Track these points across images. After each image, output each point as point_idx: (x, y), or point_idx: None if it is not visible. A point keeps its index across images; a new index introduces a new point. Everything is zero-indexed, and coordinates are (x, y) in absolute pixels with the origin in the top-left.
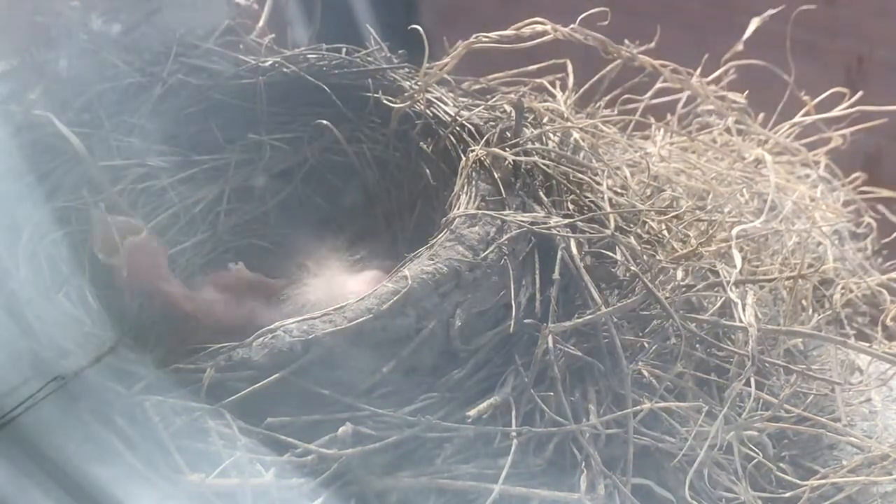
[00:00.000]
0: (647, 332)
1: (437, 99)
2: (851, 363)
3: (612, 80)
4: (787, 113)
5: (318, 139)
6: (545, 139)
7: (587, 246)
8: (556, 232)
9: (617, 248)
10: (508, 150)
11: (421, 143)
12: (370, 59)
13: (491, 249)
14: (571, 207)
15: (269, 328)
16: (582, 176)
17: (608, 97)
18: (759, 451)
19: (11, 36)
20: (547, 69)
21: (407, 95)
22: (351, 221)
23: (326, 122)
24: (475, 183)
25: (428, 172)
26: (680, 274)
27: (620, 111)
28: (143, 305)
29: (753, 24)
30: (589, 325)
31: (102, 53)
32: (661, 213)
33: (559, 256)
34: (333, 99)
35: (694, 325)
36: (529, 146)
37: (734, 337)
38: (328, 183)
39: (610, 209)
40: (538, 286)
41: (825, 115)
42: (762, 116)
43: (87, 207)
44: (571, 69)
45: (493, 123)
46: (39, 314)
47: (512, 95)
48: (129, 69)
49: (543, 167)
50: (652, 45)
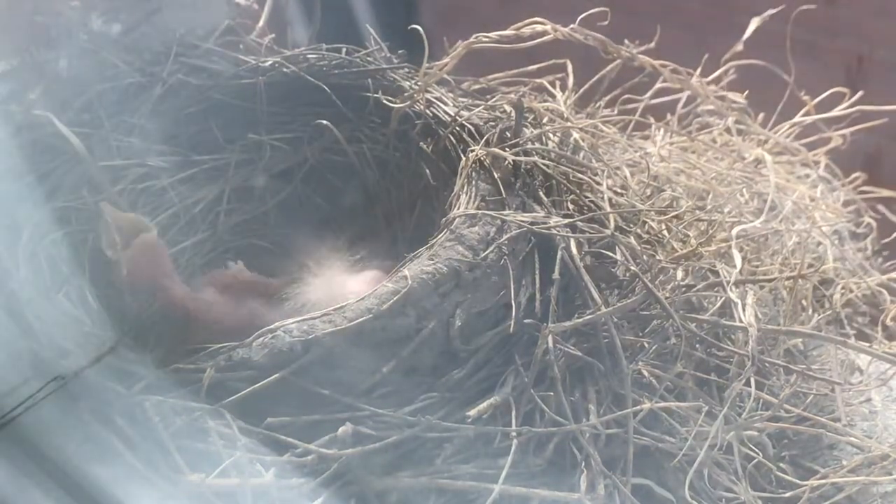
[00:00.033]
0: (647, 332)
1: (436, 99)
2: (851, 363)
3: (612, 80)
4: (787, 113)
5: (318, 139)
6: (545, 139)
7: (587, 246)
8: (556, 232)
9: (617, 248)
10: (508, 150)
11: (421, 143)
12: (370, 59)
13: (491, 249)
14: (571, 207)
15: (269, 328)
16: (582, 176)
17: (608, 97)
18: (759, 451)
19: (11, 36)
20: (547, 69)
21: (407, 95)
22: (351, 221)
23: (326, 122)
24: (475, 183)
25: (428, 172)
26: (680, 274)
27: (620, 111)
28: (143, 303)
29: (753, 24)
30: (589, 325)
31: (102, 53)
32: (661, 213)
33: (559, 256)
34: (333, 99)
35: (694, 325)
36: (529, 146)
37: (734, 337)
38: (328, 183)
39: (610, 209)
40: (538, 286)
41: (825, 115)
42: (762, 116)
43: (87, 207)
44: (571, 69)
45: (493, 123)
46: (39, 314)
47: (512, 95)
48: (129, 69)
49: (543, 167)
50: (652, 45)
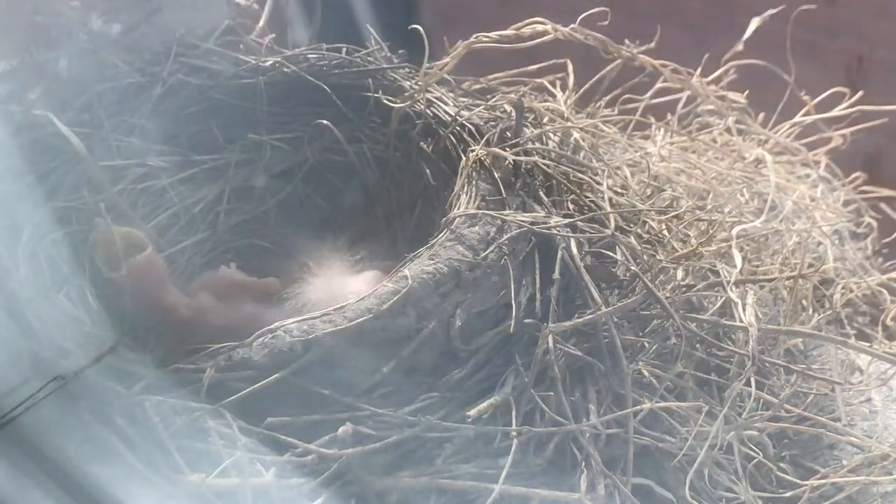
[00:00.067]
0: (647, 332)
1: (437, 99)
2: (851, 363)
3: (612, 80)
4: (787, 113)
5: (318, 139)
6: (545, 139)
7: (587, 246)
8: (556, 232)
9: (617, 247)
10: (508, 150)
11: (421, 143)
12: (370, 59)
13: (491, 249)
14: (571, 207)
15: (269, 328)
16: (582, 176)
17: (608, 97)
18: (759, 451)
19: (11, 36)
20: (547, 69)
21: (407, 95)
22: (351, 221)
23: (326, 122)
24: (475, 183)
25: (428, 172)
26: (680, 274)
27: (620, 111)
28: (143, 318)
29: (753, 24)
30: (589, 324)
31: (102, 53)
32: (661, 212)
33: (559, 256)
34: (333, 99)
35: (694, 325)
36: (529, 146)
37: (734, 337)
38: (328, 183)
39: (610, 209)
40: (538, 286)
41: (825, 115)
42: (762, 116)
43: (87, 207)
44: (571, 69)
45: (493, 123)
46: (39, 314)
47: (512, 95)
48: (129, 69)
49: (543, 167)
50: (652, 45)
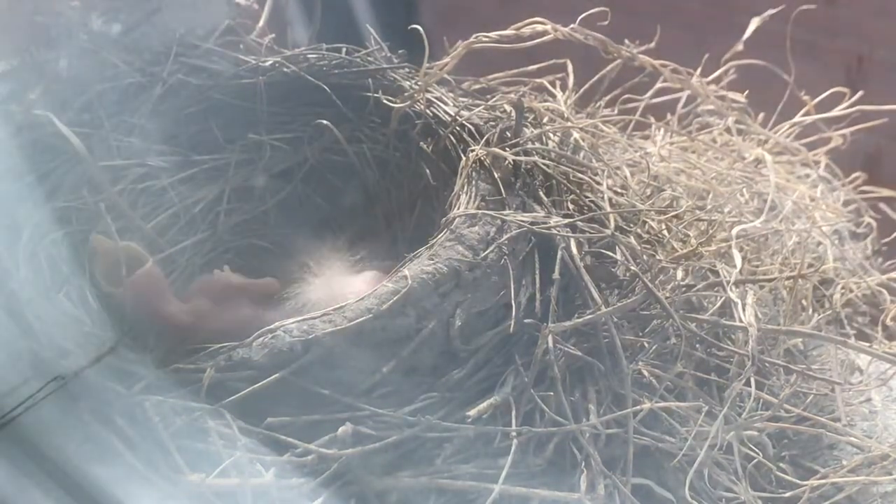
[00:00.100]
0: (647, 332)
1: (437, 99)
2: (851, 363)
3: (612, 80)
4: (787, 113)
5: (318, 139)
6: (545, 139)
7: (587, 246)
8: (556, 232)
9: (617, 247)
10: (508, 150)
11: (421, 143)
12: (370, 59)
13: (491, 249)
14: (571, 207)
15: (269, 328)
16: (582, 176)
17: (608, 97)
18: (759, 451)
19: (11, 36)
20: (547, 69)
21: (407, 95)
22: (351, 221)
23: (326, 122)
24: (475, 183)
25: (428, 172)
26: (680, 274)
27: (620, 111)
28: (141, 324)
29: (753, 24)
30: (589, 324)
31: (102, 53)
32: (661, 212)
33: (559, 256)
34: (333, 99)
35: (694, 325)
36: (529, 146)
37: (734, 337)
38: (328, 183)
39: (610, 209)
40: (538, 286)
41: (825, 115)
42: (762, 116)
43: (87, 207)
44: (571, 69)
45: (493, 123)
46: (39, 314)
47: (512, 95)
48: (129, 69)
49: (543, 167)
50: (652, 45)
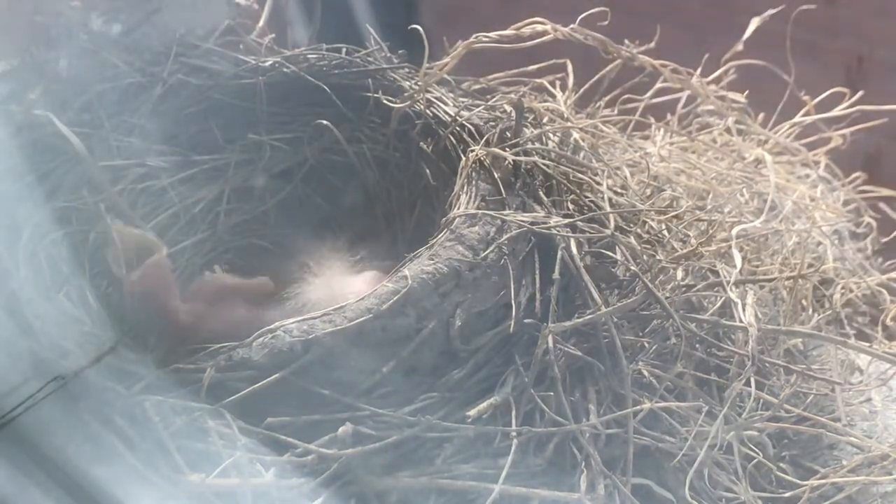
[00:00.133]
0: (647, 332)
1: (437, 99)
2: (851, 363)
3: (612, 80)
4: (787, 113)
5: (318, 139)
6: (545, 139)
7: (587, 246)
8: (556, 232)
9: (617, 248)
10: (508, 150)
11: (421, 143)
12: (370, 59)
13: (491, 249)
14: (571, 207)
15: (268, 328)
16: (582, 176)
17: (608, 97)
18: (759, 451)
19: (11, 36)
20: (547, 69)
21: (407, 95)
22: (351, 221)
23: (326, 122)
24: (475, 183)
25: (428, 172)
26: (680, 274)
27: (620, 111)
28: (145, 317)
29: (753, 24)
30: (589, 325)
31: (102, 53)
32: (661, 213)
33: (559, 256)
34: (333, 99)
35: (694, 325)
36: (529, 146)
37: (734, 337)
38: (328, 183)
39: (610, 209)
40: (538, 286)
41: (825, 115)
42: (762, 116)
43: (87, 207)
44: (571, 69)
45: (493, 123)
46: (39, 314)
47: (512, 95)
48: (129, 69)
49: (543, 167)
50: (652, 45)
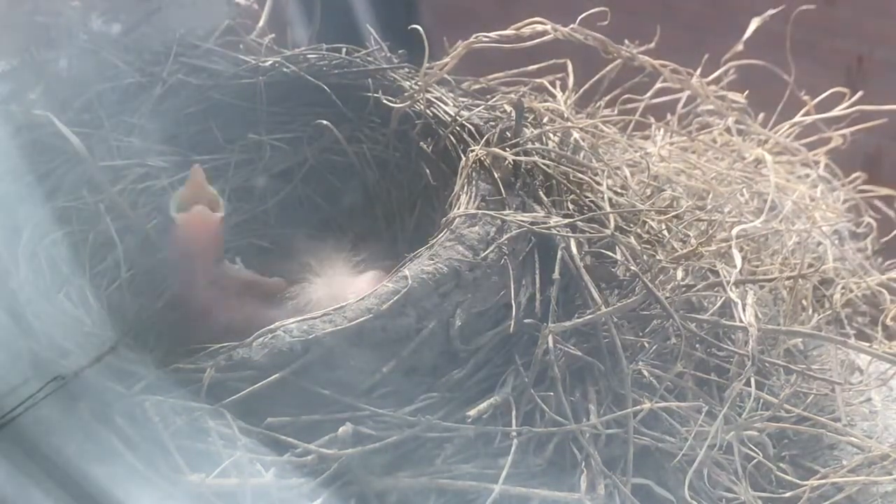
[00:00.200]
0: (647, 332)
1: (437, 99)
2: (851, 363)
3: (612, 80)
4: (787, 113)
5: (318, 139)
6: (545, 139)
7: (587, 246)
8: (556, 232)
9: (617, 247)
10: (508, 150)
11: (421, 143)
12: (370, 59)
13: (491, 249)
14: (571, 207)
15: (269, 328)
16: (582, 176)
17: (608, 97)
18: (759, 451)
19: (11, 36)
20: (547, 69)
21: (407, 95)
22: (351, 221)
23: (326, 122)
24: (475, 183)
25: (428, 172)
26: (680, 274)
27: (620, 111)
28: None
29: (753, 24)
30: (589, 325)
31: (102, 53)
32: (661, 213)
33: (559, 256)
34: (333, 99)
35: (694, 325)
36: (529, 146)
37: (734, 337)
38: (328, 183)
39: (610, 209)
40: (538, 286)
41: (825, 115)
42: (762, 116)
43: (87, 207)
44: (571, 69)
45: (493, 123)
46: (39, 314)
47: (512, 95)
48: (129, 69)
49: (543, 167)
50: (652, 45)
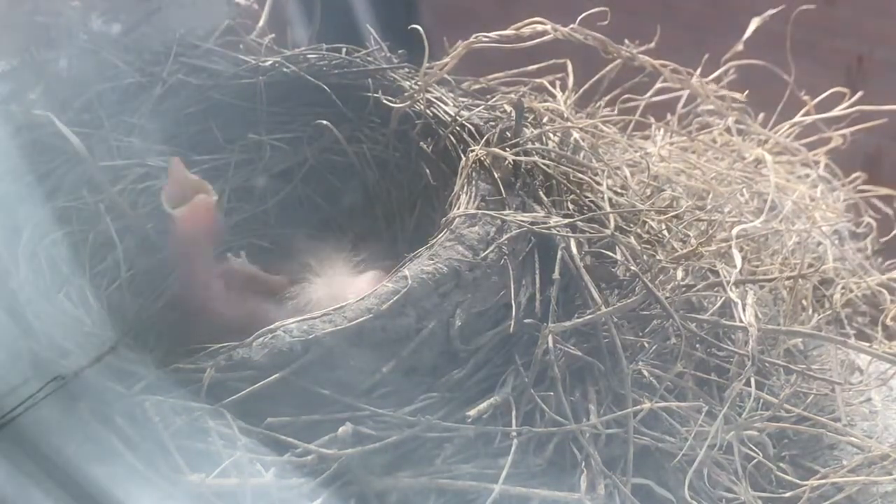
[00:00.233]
0: (647, 332)
1: (437, 99)
2: (851, 363)
3: (612, 80)
4: (787, 113)
5: (318, 139)
6: (545, 139)
7: (587, 246)
8: (556, 232)
9: (617, 247)
10: (508, 150)
11: (421, 143)
12: (370, 59)
13: (491, 249)
14: (571, 207)
15: (268, 328)
16: (582, 176)
17: (608, 97)
18: (759, 451)
19: (11, 36)
20: (547, 69)
21: (407, 95)
22: (351, 221)
23: (326, 122)
24: (475, 183)
25: (428, 172)
26: (680, 274)
27: (620, 111)
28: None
29: (753, 24)
30: (589, 324)
31: (102, 53)
32: (661, 212)
33: (559, 256)
34: (333, 99)
35: (694, 325)
36: (529, 146)
37: (734, 337)
38: (328, 183)
39: (610, 209)
40: (538, 286)
41: (825, 115)
42: (762, 116)
43: (87, 207)
44: (571, 69)
45: (493, 123)
46: (39, 314)
47: (512, 95)
48: (129, 69)
49: (543, 167)
50: (652, 45)
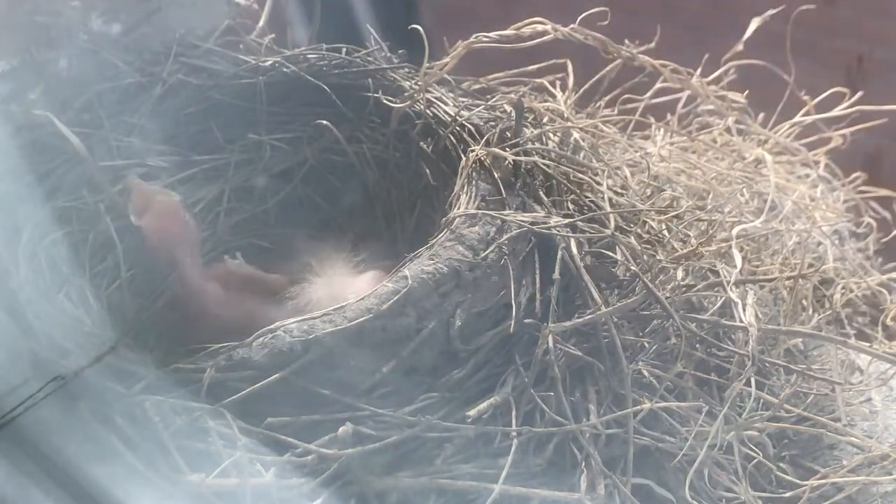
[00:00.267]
0: (647, 332)
1: (437, 99)
2: (851, 363)
3: (612, 80)
4: (787, 113)
5: (318, 139)
6: (545, 139)
7: (587, 246)
8: (556, 232)
9: (617, 247)
10: (508, 150)
11: (421, 143)
12: (370, 59)
13: (491, 249)
14: (571, 207)
15: (268, 328)
16: (582, 176)
17: (608, 97)
18: (759, 451)
19: (11, 36)
20: (547, 69)
21: (407, 95)
22: (351, 221)
23: (326, 122)
24: (475, 183)
25: (428, 172)
26: (680, 274)
27: (620, 111)
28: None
29: (753, 24)
30: (589, 325)
31: (102, 53)
32: (661, 212)
33: (559, 256)
34: (333, 99)
35: (694, 325)
36: (529, 146)
37: (734, 337)
38: (328, 183)
39: (610, 209)
40: (538, 286)
41: (825, 115)
42: (762, 116)
43: (87, 207)
44: (571, 69)
45: (493, 123)
46: (39, 314)
47: (512, 95)
48: (129, 69)
49: (543, 167)
50: (652, 45)
